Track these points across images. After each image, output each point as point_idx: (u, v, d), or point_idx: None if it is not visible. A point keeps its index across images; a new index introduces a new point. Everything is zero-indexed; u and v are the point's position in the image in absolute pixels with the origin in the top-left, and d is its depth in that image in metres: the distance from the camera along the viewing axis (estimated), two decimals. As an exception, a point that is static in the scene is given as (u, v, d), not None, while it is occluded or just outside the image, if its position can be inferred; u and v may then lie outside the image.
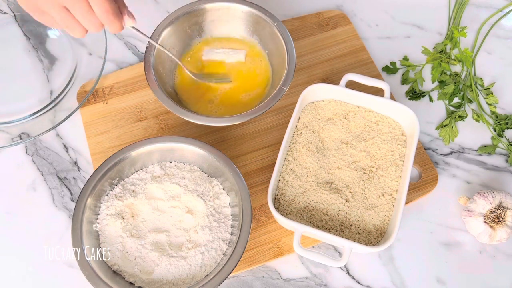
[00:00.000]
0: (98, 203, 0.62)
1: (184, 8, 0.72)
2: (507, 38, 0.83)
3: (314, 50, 0.79)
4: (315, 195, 0.64)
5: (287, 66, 0.69)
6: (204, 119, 0.65)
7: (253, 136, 0.72)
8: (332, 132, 0.68)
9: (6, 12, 0.81)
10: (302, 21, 0.81)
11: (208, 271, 0.59)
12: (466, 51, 0.77)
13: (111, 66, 0.79)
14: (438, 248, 0.67)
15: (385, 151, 0.66)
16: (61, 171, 0.71)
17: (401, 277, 0.65)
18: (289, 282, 0.65)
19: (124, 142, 0.72)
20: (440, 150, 0.73)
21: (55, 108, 0.74)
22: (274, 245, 0.65)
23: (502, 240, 0.64)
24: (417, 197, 0.69)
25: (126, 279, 0.59)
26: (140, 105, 0.74)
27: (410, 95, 0.77)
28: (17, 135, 0.71)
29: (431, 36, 0.83)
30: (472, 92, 0.76)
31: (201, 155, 0.64)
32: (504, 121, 0.74)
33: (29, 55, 0.78)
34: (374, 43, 0.82)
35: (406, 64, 0.79)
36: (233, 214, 0.63)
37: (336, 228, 0.62)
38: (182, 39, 0.74)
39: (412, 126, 0.66)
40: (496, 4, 0.85)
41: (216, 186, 0.64)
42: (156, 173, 0.65)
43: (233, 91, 0.73)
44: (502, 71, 0.80)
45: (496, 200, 0.64)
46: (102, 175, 0.62)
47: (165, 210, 0.63)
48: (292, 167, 0.65)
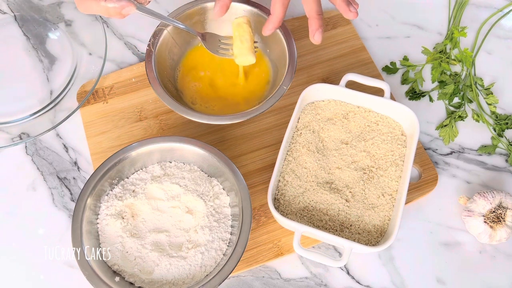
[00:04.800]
0: (98, 203, 0.62)
1: (185, 6, 0.72)
2: (507, 38, 0.83)
3: (314, 50, 0.79)
4: (315, 195, 0.64)
5: (288, 66, 0.69)
6: (204, 117, 0.65)
7: (253, 136, 0.73)
8: (332, 132, 0.68)
9: (6, 12, 0.81)
10: (302, 21, 0.81)
11: (208, 271, 0.59)
12: (466, 51, 0.77)
13: (111, 66, 0.79)
14: (438, 248, 0.67)
15: (385, 151, 0.67)
16: (61, 171, 0.71)
17: (401, 277, 0.65)
18: (289, 282, 0.65)
19: (124, 142, 0.72)
20: (440, 150, 0.73)
21: (55, 108, 0.74)
22: (274, 245, 0.65)
23: (502, 240, 0.64)
24: (417, 197, 0.69)
25: (126, 279, 0.59)
26: (140, 105, 0.75)
27: (410, 95, 0.77)
28: (17, 135, 0.71)
29: (431, 36, 0.83)
30: (472, 92, 0.76)
31: (201, 155, 0.64)
32: (504, 121, 0.74)
33: (29, 55, 0.78)
34: (374, 43, 0.82)
35: (406, 64, 0.79)
36: (233, 214, 0.63)
37: (336, 228, 0.62)
38: (183, 38, 0.74)
39: (412, 126, 0.66)
40: (496, 4, 0.85)
41: (216, 186, 0.64)
42: (156, 173, 0.65)
43: (233, 90, 0.73)
44: (502, 71, 0.80)
45: (496, 200, 0.64)
46: (102, 175, 0.62)
47: (165, 210, 0.63)
48: (292, 167, 0.65)
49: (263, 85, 0.73)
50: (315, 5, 0.62)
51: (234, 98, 0.72)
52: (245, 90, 0.73)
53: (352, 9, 0.62)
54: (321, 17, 0.63)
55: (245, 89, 0.73)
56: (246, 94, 0.72)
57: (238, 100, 0.72)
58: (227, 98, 0.72)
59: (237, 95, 0.72)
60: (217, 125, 0.73)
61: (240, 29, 0.67)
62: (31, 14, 0.81)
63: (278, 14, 0.64)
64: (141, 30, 0.81)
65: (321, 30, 0.63)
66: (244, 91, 0.73)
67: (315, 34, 0.63)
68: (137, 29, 0.82)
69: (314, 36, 0.63)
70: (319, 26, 0.63)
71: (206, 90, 0.72)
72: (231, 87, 0.73)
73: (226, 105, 0.72)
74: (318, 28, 0.63)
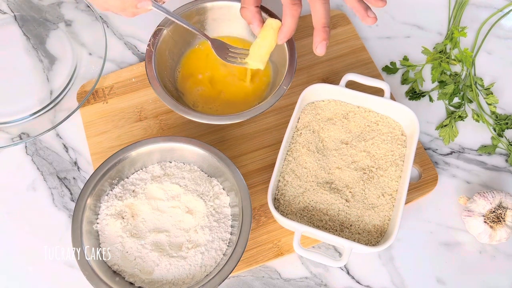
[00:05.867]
0: (98, 203, 0.62)
1: (186, 6, 0.72)
2: (507, 38, 0.83)
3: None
4: (315, 195, 0.64)
5: (288, 66, 0.69)
6: (204, 117, 0.65)
7: (253, 136, 0.73)
8: (332, 132, 0.68)
9: (6, 12, 0.81)
10: (302, 21, 0.81)
11: (208, 271, 0.59)
12: (466, 51, 0.77)
13: (111, 66, 0.79)
14: (438, 248, 0.67)
15: (385, 151, 0.67)
16: (61, 171, 0.71)
17: (401, 277, 0.65)
18: (289, 282, 0.65)
19: (124, 142, 0.72)
20: (440, 150, 0.73)
21: (55, 108, 0.74)
22: (274, 245, 0.65)
23: (502, 240, 0.64)
24: (417, 197, 0.69)
25: (126, 279, 0.59)
26: (140, 105, 0.75)
27: (410, 95, 0.77)
28: (17, 135, 0.71)
29: (431, 36, 0.83)
30: (472, 92, 0.76)
31: (201, 155, 0.64)
32: (504, 121, 0.74)
33: (29, 55, 0.78)
34: (374, 43, 0.82)
35: (406, 64, 0.79)
36: (233, 214, 0.63)
37: (336, 228, 0.62)
38: (183, 38, 0.74)
39: (412, 126, 0.66)
40: (496, 4, 0.85)
41: (216, 186, 0.64)
42: (156, 173, 0.65)
43: (233, 90, 0.73)
44: (502, 71, 0.80)
45: (496, 200, 0.64)
46: (102, 175, 0.62)
47: (165, 210, 0.63)
48: (292, 167, 0.65)
49: (263, 85, 0.73)
50: (323, 18, 0.60)
51: (234, 98, 0.72)
52: (245, 90, 0.73)
53: (370, 14, 0.60)
54: (328, 30, 0.61)
55: (245, 89, 0.73)
56: (246, 94, 0.72)
57: (238, 100, 0.72)
58: (228, 99, 0.72)
59: (237, 95, 0.72)
60: (217, 125, 0.73)
61: (265, 33, 0.65)
62: (31, 14, 0.81)
63: (289, 26, 0.63)
64: (141, 30, 0.81)
65: (326, 43, 0.61)
66: (244, 91, 0.73)
67: (318, 45, 0.61)
68: (137, 29, 0.82)
69: (317, 48, 0.62)
70: (324, 39, 0.61)
71: (209, 92, 0.72)
72: (232, 87, 0.73)
73: (227, 105, 0.72)
74: (322, 40, 0.61)
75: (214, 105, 0.71)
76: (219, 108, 0.71)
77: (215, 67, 0.74)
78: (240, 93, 0.73)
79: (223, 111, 0.71)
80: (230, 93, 0.73)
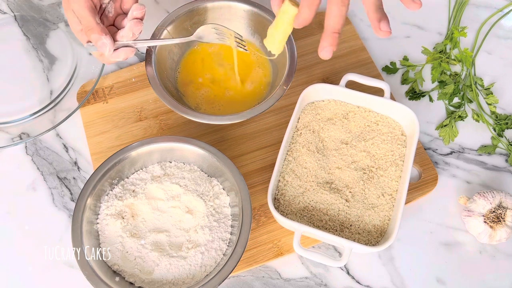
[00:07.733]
0: (98, 203, 0.62)
1: (186, 6, 0.72)
2: (507, 38, 0.83)
3: (314, 50, 0.79)
4: (315, 195, 0.64)
5: (288, 66, 0.69)
6: (204, 117, 0.65)
7: (253, 136, 0.73)
8: (332, 132, 0.68)
9: (6, 12, 0.81)
10: (302, 21, 0.81)
11: (208, 271, 0.59)
12: (466, 51, 0.77)
13: (111, 66, 0.79)
14: (438, 248, 0.67)
15: (385, 151, 0.67)
16: (61, 171, 0.71)
17: (401, 277, 0.65)
18: (289, 282, 0.65)
19: (124, 142, 0.72)
20: (440, 150, 0.73)
21: (55, 108, 0.74)
22: (274, 245, 0.65)
23: (502, 240, 0.64)
24: (417, 197, 0.69)
25: (126, 279, 0.59)
26: (140, 105, 0.75)
27: (410, 95, 0.77)
28: (17, 135, 0.72)
29: (431, 36, 0.83)
30: (472, 92, 0.76)
31: (201, 155, 0.64)
32: (504, 121, 0.74)
33: (29, 55, 0.78)
34: (374, 43, 0.82)
35: (406, 64, 0.79)
36: (233, 214, 0.63)
37: (336, 228, 0.62)
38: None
39: (412, 126, 0.66)
40: (496, 4, 0.85)
41: (216, 186, 0.64)
42: (156, 173, 0.65)
43: (233, 90, 0.73)
44: (502, 71, 0.80)
45: (496, 200, 0.64)
46: (102, 175, 0.62)
47: (165, 210, 0.63)
48: (292, 167, 0.65)
49: (263, 85, 0.73)
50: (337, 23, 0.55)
51: (234, 98, 0.72)
52: (245, 90, 0.73)
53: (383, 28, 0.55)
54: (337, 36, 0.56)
55: (245, 89, 0.73)
56: (246, 94, 0.72)
57: (238, 100, 0.72)
58: (229, 98, 0.72)
59: (237, 95, 0.72)
60: (217, 125, 0.73)
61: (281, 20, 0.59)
62: (31, 14, 0.81)
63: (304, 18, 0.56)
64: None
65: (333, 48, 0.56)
66: (244, 91, 0.73)
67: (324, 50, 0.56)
68: (137, 29, 0.82)
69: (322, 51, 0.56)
70: (331, 44, 0.56)
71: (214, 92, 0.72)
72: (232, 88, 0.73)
73: (227, 106, 0.72)
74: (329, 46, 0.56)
75: (219, 104, 0.71)
76: (222, 108, 0.71)
77: (213, 69, 0.74)
78: (240, 93, 0.73)
79: (225, 111, 0.71)
80: (231, 93, 0.72)
